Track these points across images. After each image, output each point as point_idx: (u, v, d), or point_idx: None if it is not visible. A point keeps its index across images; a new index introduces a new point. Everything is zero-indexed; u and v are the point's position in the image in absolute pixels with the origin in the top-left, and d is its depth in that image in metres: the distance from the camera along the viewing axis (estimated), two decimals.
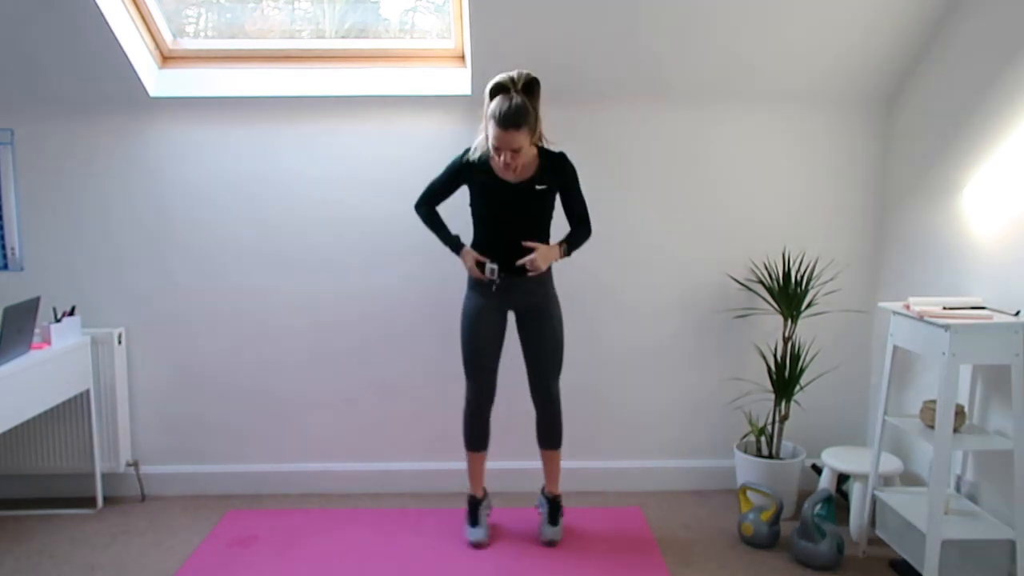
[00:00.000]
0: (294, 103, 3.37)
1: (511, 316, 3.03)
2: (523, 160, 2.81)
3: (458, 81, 3.36)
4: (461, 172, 2.93)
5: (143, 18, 3.21)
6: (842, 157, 3.45)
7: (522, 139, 2.73)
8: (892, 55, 3.18)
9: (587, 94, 3.35)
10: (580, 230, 2.98)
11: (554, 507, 3.11)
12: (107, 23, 2.99)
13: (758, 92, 3.35)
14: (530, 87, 2.75)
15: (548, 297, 3.00)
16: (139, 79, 3.23)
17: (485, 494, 3.16)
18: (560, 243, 2.94)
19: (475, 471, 3.13)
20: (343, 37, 3.48)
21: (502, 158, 2.75)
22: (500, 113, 2.70)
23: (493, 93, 2.75)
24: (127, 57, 3.13)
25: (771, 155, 3.44)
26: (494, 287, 2.92)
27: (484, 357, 2.99)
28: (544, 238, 2.96)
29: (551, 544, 3.04)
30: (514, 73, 2.74)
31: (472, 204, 2.96)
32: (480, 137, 2.85)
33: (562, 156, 2.92)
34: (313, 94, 3.34)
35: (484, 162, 2.88)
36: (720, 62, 3.21)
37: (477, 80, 3.26)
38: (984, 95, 2.78)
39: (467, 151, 2.91)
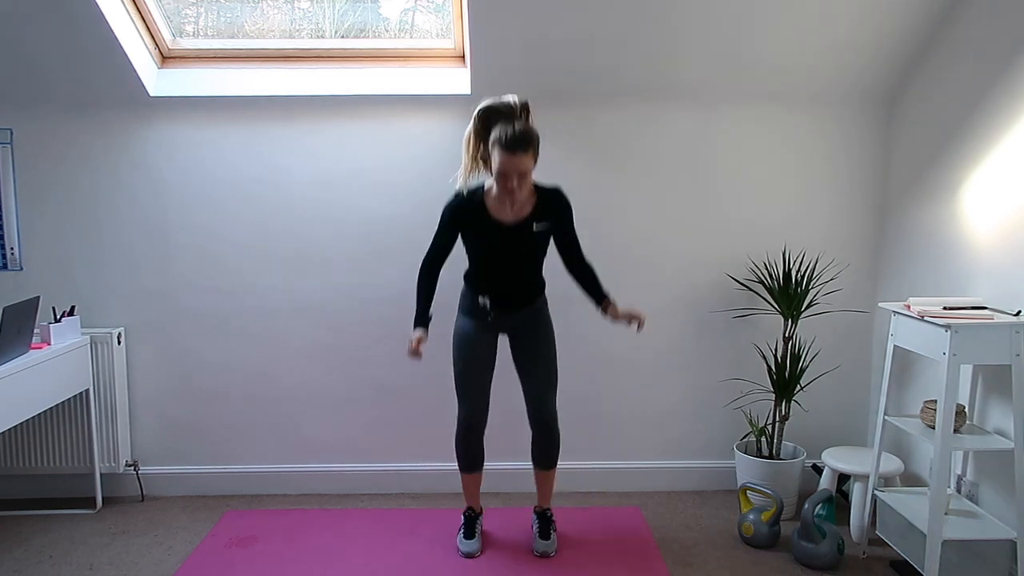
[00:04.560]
0: (294, 103, 3.37)
1: (503, 338, 3.01)
2: (528, 187, 2.76)
3: (458, 81, 3.36)
4: (455, 221, 2.84)
5: (143, 18, 3.21)
6: (842, 157, 3.45)
7: (529, 162, 2.69)
8: (892, 55, 3.18)
9: (587, 94, 3.35)
10: (591, 271, 2.95)
11: (544, 521, 3.06)
12: (107, 23, 2.99)
13: (758, 91, 3.35)
14: (527, 111, 2.73)
15: (540, 319, 2.97)
16: (139, 79, 3.23)
17: (481, 510, 3.14)
18: (606, 302, 2.92)
19: (471, 491, 3.10)
20: (343, 37, 3.48)
21: (510, 184, 2.68)
22: (507, 137, 2.64)
23: (484, 118, 2.70)
24: (127, 57, 3.13)
25: (771, 155, 3.44)
26: (488, 317, 2.90)
27: (477, 378, 2.96)
28: (538, 274, 2.95)
29: (545, 556, 2.99)
30: (509, 98, 2.71)
31: (466, 244, 2.89)
32: (459, 172, 2.79)
33: (559, 191, 2.87)
34: (313, 94, 3.34)
35: (476, 202, 2.79)
36: (720, 62, 3.21)
37: (477, 80, 3.26)
38: (984, 95, 2.78)
39: (454, 197, 2.83)
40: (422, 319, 2.88)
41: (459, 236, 2.87)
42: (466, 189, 2.80)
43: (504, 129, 2.66)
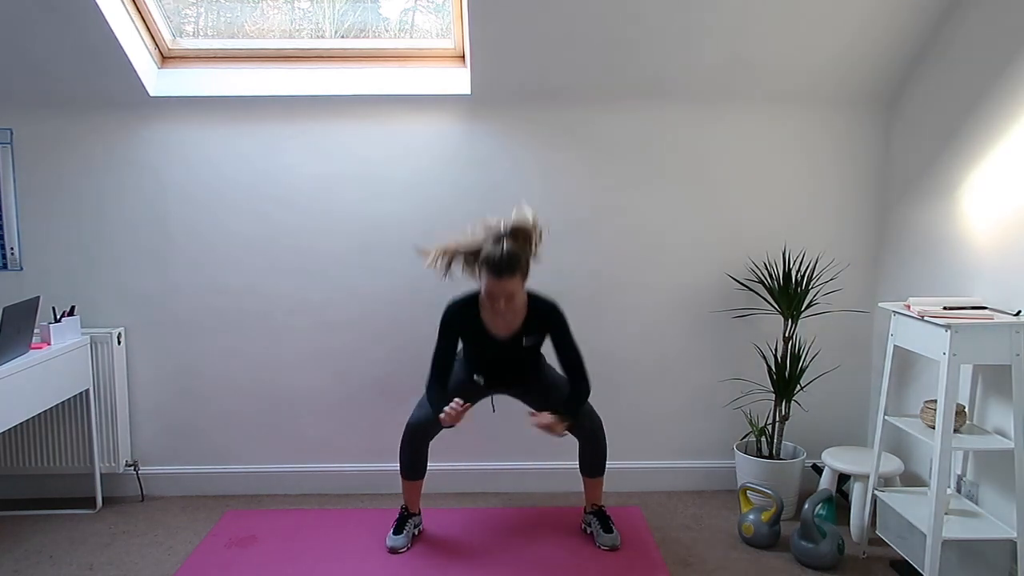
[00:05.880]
0: (294, 103, 3.37)
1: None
2: (517, 306, 2.85)
3: (458, 81, 3.36)
4: (451, 328, 2.93)
5: (143, 18, 3.21)
6: (842, 157, 3.45)
7: (516, 285, 2.77)
8: (892, 55, 3.18)
9: (587, 94, 3.34)
10: (577, 389, 2.93)
11: (602, 516, 3.09)
12: (107, 23, 2.98)
13: (758, 92, 3.35)
14: (517, 234, 2.79)
15: (537, 371, 3.05)
16: (139, 79, 3.23)
17: (419, 512, 3.13)
18: (561, 416, 2.87)
19: (412, 497, 3.09)
20: (343, 37, 3.48)
21: (498, 305, 2.78)
22: (493, 261, 2.71)
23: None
24: (127, 57, 3.13)
25: (771, 155, 3.44)
26: (481, 386, 3.00)
27: (445, 403, 2.89)
28: (538, 375, 3.03)
29: (613, 549, 3.00)
30: (527, 214, 2.80)
31: (463, 349, 3.00)
32: (444, 247, 2.86)
33: (551, 308, 2.91)
34: (313, 94, 3.34)
35: (472, 314, 2.90)
36: (720, 62, 3.21)
37: (477, 80, 3.26)
38: (984, 95, 2.78)
39: (449, 306, 2.91)
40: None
41: (458, 339, 2.96)
42: (460, 299, 2.91)
43: (492, 251, 2.73)
